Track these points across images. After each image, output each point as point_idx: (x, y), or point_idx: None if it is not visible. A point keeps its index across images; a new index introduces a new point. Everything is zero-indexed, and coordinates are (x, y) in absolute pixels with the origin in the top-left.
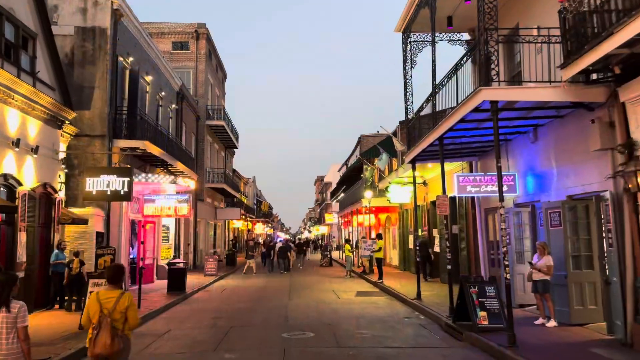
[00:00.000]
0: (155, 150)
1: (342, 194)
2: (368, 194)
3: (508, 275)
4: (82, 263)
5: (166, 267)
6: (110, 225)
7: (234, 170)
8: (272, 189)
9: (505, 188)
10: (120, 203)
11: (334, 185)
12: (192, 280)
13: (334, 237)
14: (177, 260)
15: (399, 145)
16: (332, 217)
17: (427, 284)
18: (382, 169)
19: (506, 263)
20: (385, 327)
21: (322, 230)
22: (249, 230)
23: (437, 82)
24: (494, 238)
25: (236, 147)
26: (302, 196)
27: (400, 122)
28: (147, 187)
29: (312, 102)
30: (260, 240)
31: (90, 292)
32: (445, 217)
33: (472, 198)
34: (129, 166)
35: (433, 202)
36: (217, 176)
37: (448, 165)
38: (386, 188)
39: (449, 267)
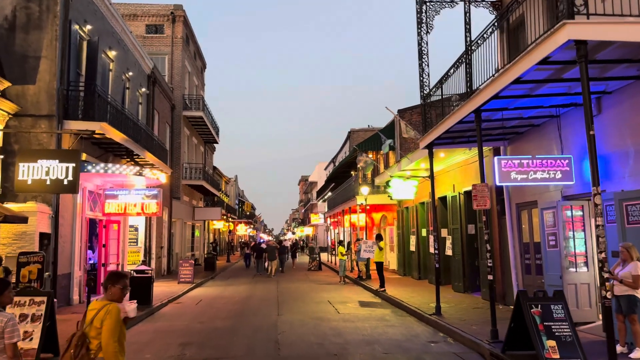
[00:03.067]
0: (116, 135)
1: (330, 193)
2: (364, 189)
3: (609, 293)
4: (7, 271)
5: (133, 274)
6: (60, 225)
7: (215, 168)
8: (254, 191)
9: (558, 175)
10: (73, 198)
11: (319, 185)
12: (163, 289)
13: (311, 239)
14: (142, 267)
15: (406, 131)
16: (318, 218)
17: (429, 289)
18: (386, 152)
19: (605, 275)
20: (410, 358)
21: (307, 231)
22: (230, 232)
23: (472, 39)
24: (529, 239)
25: (217, 142)
26: (286, 197)
27: (400, 111)
28: (109, 181)
29: (295, 100)
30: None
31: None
32: (483, 212)
33: (499, 190)
34: (75, 149)
35: (441, 199)
36: (196, 172)
37: (464, 154)
38: (387, 183)
39: (490, 277)
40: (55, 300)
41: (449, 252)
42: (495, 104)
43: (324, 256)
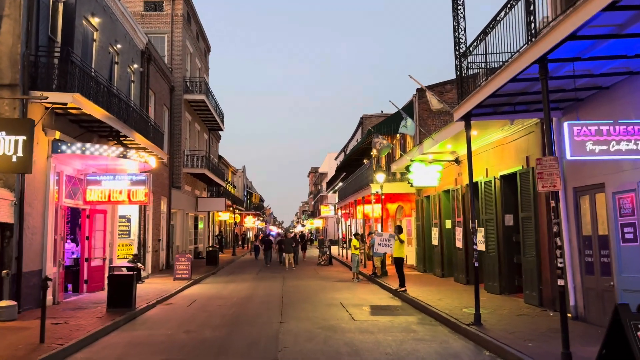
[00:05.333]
0: (95, 110)
1: (341, 183)
2: (380, 176)
3: None
4: None
5: (123, 270)
6: (27, 214)
7: (220, 157)
8: (265, 183)
9: None
10: (45, 183)
11: (330, 175)
12: (156, 286)
13: (321, 231)
14: (122, 263)
15: (435, 103)
16: (328, 209)
17: (456, 289)
18: (413, 135)
19: None
20: None
21: (317, 223)
22: (235, 223)
23: None
24: (592, 232)
25: (222, 130)
26: (296, 190)
27: (418, 90)
28: (92, 164)
29: (305, 92)
30: (250, 235)
31: None
32: (552, 195)
33: None
34: (27, 118)
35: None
36: (198, 160)
37: (501, 131)
38: (406, 168)
39: (561, 282)
40: (15, 303)
41: (481, 246)
42: (566, 51)
43: (334, 250)
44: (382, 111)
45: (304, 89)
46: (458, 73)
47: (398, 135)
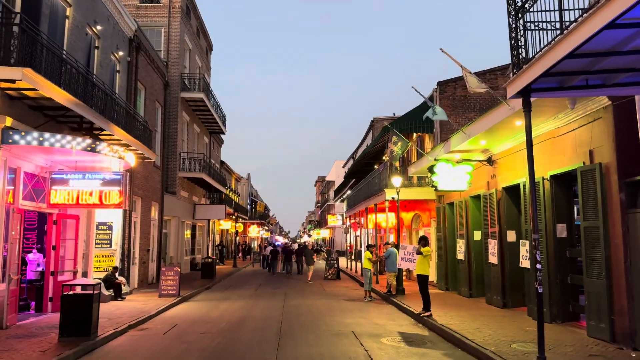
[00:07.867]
0: (55, 92)
1: (349, 191)
2: (396, 180)
3: None
4: None
5: (103, 288)
6: None
7: (222, 162)
8: (271, 193)
9: None
10: None
11: (337, 184)
12: (135, 305)
13: (327, 242)
14: (81, 280)
15: (474, 83)
16: (335, 219)
17: (492, 314)
18: (445, 119)
19: None
20: None
21: (323, 233)
22: (237, 233)
23: None
24: None
25: (223, 133)
26: (303, 200)
27: (440, 83)
28: (59, 161)
29: (311, 100)
30: (255, 245)
31: None
32: None
33: (626, 164)
34: None
35: (510, 189)
36: (197, 164)
37: (553, 120)
38: (430, 168)
39: None
40: None
41: (525, 263)
42: None
43: (342, 262)
44: (394, 114)
45: (312, 97)
46: (512, 34)
47: (415, 135)
